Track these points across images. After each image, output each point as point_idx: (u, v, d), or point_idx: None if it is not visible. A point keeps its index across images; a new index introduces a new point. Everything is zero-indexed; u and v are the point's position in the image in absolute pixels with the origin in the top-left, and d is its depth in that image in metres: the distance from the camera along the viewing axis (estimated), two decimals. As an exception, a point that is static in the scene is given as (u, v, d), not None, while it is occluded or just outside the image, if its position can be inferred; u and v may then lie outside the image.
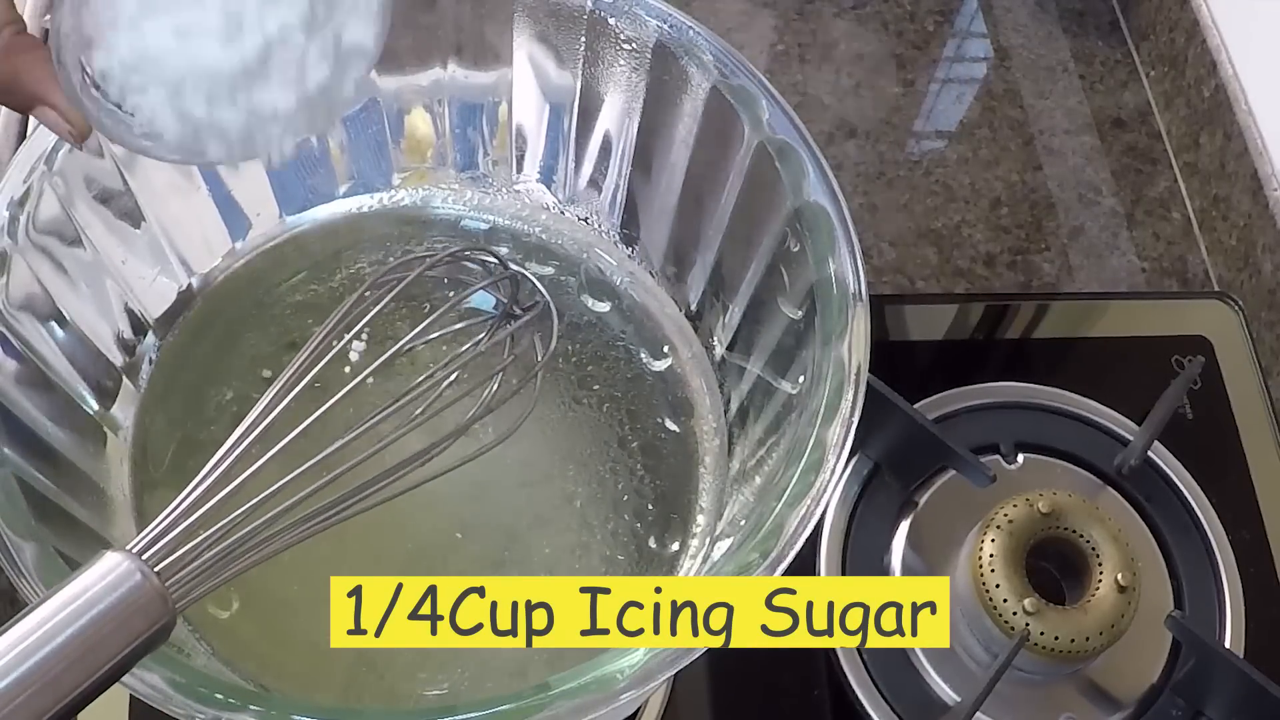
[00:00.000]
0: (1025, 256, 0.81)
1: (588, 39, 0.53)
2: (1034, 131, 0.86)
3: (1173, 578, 0.65)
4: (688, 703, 0.60)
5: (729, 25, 0.88)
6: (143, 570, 0.33)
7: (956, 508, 0.65)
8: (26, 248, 0.45)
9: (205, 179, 0.53)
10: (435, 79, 0.56)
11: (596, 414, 0.53)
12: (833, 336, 0.45)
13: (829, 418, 0.43)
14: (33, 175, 0.46)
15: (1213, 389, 0.72)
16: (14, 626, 0.32)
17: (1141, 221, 0.83)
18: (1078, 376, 0.71)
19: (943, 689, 0.61)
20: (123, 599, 0.32)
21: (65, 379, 0.47)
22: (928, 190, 0.82)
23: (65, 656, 0.31)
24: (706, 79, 0.50)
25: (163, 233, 0.52)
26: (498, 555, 0.50)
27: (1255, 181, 0.78)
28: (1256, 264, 0.77)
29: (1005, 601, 0.60)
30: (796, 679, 0.62)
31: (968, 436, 0.67)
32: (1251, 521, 0.68)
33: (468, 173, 0.59)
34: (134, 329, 0.52)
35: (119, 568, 0.33)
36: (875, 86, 0.87)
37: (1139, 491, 0.67)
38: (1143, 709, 0.62)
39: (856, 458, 0.66)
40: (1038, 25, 0.91)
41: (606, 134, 0.56)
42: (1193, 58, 0.84)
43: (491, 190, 0.59)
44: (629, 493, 0.51)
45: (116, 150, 0.49)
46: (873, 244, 0.80)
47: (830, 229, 0.47)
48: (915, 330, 0.74)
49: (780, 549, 0.40)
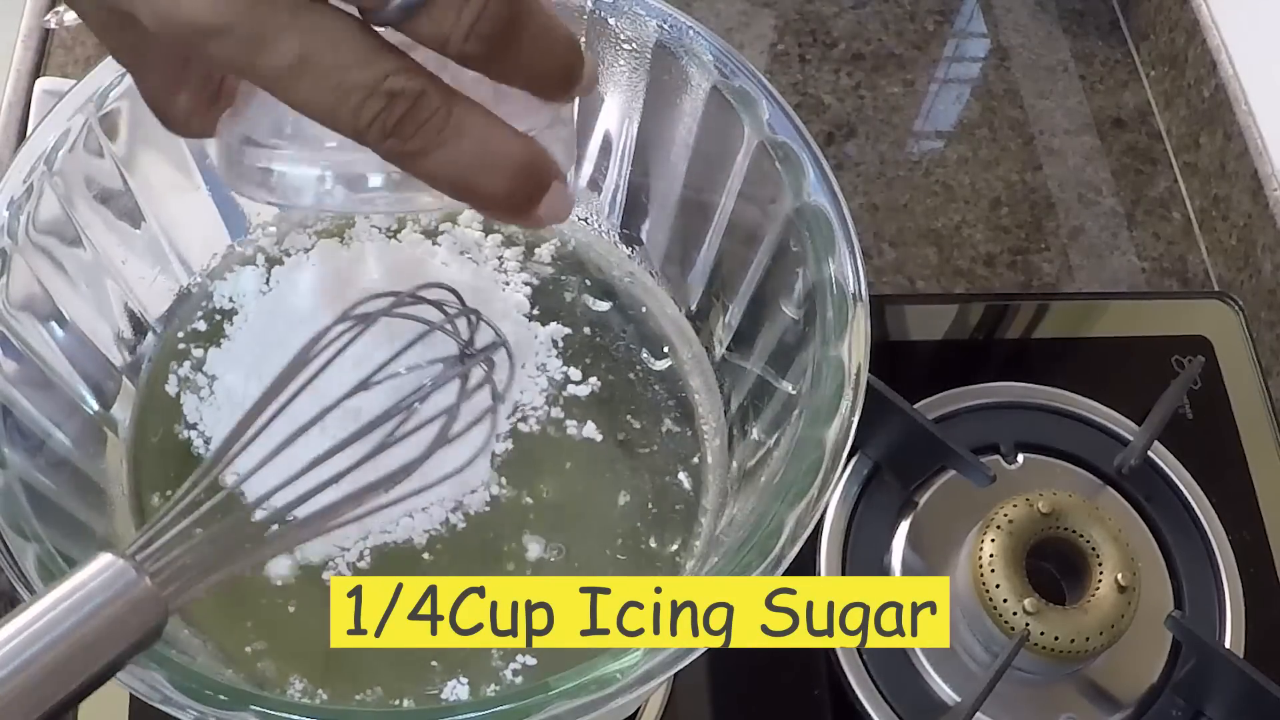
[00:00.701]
0: (1025, 256, 0.81)
1: (588, 39, 0.53)
2: (1034, 131, 0.86)
3: (1173, 578, 0.65)
4: (688, 703, 0.60)
5: (729, 25, 0.88)
6: (137, 569, 0.34)
7: (956, 508, 0.65)
8: (26, 248, 0.45)
9: (205, 179, 0.53)
10: (435, 79, 0.56)
11: (596, 414, 0.53)
12: (833, 337, 0.45)
13: (829, 418, 0.43)
14: (33, 175, 0.46)
15: (1213, 389, 0.72)
16: (10, 621, 0.32)
17: (1141, 221, 0.83)
18: (1078, 376, 0.71)
19: (943, 689, 0.61)
20: (117, 597, 0.33)
21: (65, 379, 0.47)
22: (928, 190, 0.82)
23: (60, 651, 0.32)
24: (706, 79, 0.50)
25: (163, 233, 0.52)
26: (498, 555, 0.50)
27: (1255, 181, 0.78)
28: (1256, 264, 0.77)
29: (1005, 601, 0.60)
30: (796, 679, 0.62)
31: (968, 436, 0.67)
32: (1251, 521, 0.68)
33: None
34: (134, 329, 0.51)
35: (113, 567, 0.33)
36: (875, 86, 0.87)
37: (1139, 491, 0.67)
38: (1143, 709, 0.62)
39: (856, 458, 0.66)
40: (1038, 25, 0.91)
41: (606, 134, 0.56)
42: (1193, 58, 0.84)
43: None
44: (629, 492, 0.51)
45: (116, 150, 0.49)
46: (873, 244, 0.80)
47: (830, 229, 0.47)
48: (915, 330, 0.74)
49: (780, 549, 0.40)
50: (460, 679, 0.46)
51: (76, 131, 0.47)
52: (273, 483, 0.40)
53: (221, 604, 0.48)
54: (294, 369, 0.41)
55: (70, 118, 0.47)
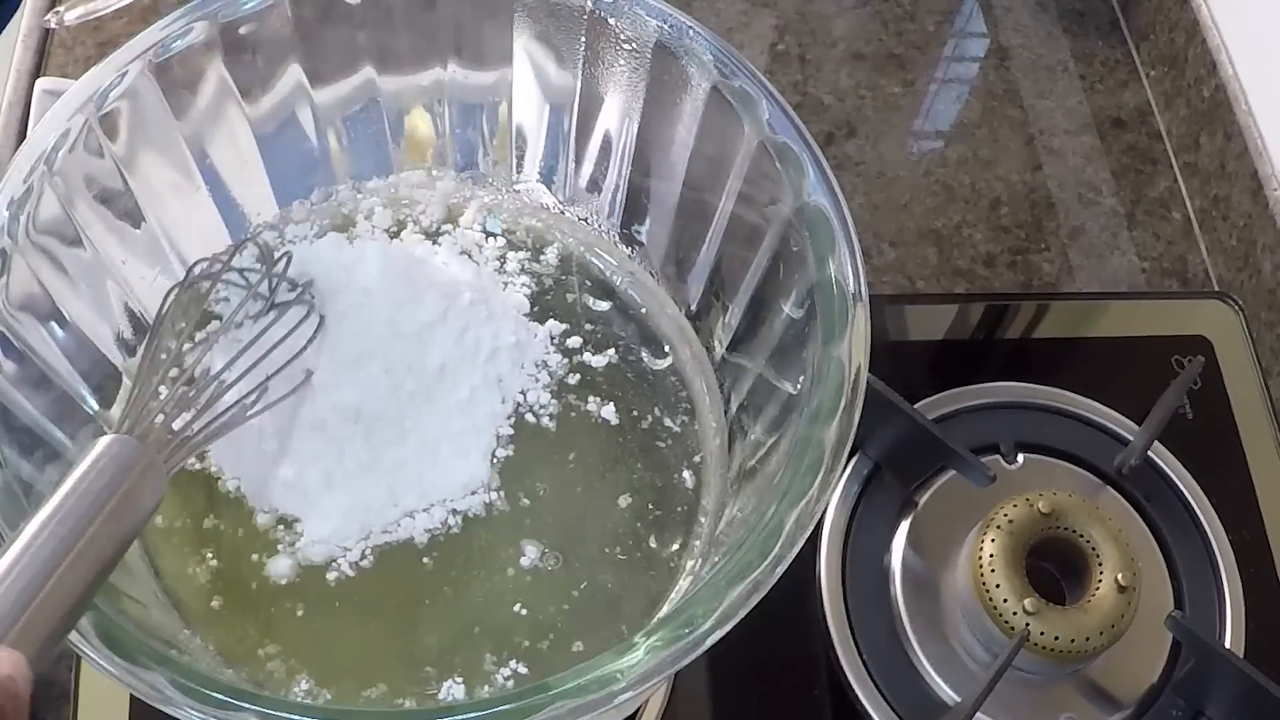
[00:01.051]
0: (1025, 256, 0.81)
1: (588, 39, 0.53)
2: (1034, 131, 0.86)
3: (1173, 578, 0.65)
4: (688, 703, 0.60)
5: (729, 25, 0.88)
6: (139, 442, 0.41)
7: (956, 508, 0.65)
8: (26, 248, 0.45)
9: (205, 179, 0.53)
10: (435, 79, 0.56)
11: (596, 413, 0.53)
12: (833, 336, 0.45)
13: (829, 418, 0.43)
14: (33, 175, 0.46)
15: (1213, 389, 0.72)
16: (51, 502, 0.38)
17: (1141, 221, 0.83)
18: (1078, 376, 0.71)
19: (943, 689, 0.61)
20: (131, 462, 0.40)
21: (65, 379, 0.47)
22: (928, 190, 0.82)
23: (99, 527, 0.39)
24: (706, 79, 0.50)
25: (163, 233, 0.52)
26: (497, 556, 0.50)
27: (1255, 181, 0.78)
28: (1256, 264, 0.77)
29: (1005, 601, 0.60)
30: (796, 679, 0.62)
31: (968, 436, 0.67)
32: (1251, 521, 0.68)
33: (468, 173, 0.59)
34: (134, 329, 0.52)
35: (120, 443, 0.41)
36: (875, 86, 0.87)
37: (1139, 491, 0.67)
38: (1143, 709, 0.62)
39: (856, 458, 0.66)
40: (1038, 25, 0.91)
41: (606, 134, 0.56)
42: (1193, 58, 0.84)
43: (492, 190, 0.59)
44: (629, 492, 0.51)
45: (116, 150, 0.49)
46: (873, 244, 0.80)
47: (830, 229, 0.47)
48: (915, 330, 0.74)
49: (780, 549, 0.40)
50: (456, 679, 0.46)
51: (76, 131, 0.47)
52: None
53: (223, 604, 0.48)
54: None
55: (70, 118, 0.47)
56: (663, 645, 0.38)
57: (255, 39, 0.51)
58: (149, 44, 0.49)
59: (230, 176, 0.54)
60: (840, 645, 0.61)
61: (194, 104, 0.51)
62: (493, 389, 0.52)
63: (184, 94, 0.51)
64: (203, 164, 0.53)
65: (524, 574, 0.49)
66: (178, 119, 0.51)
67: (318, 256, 0.53)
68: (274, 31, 0.52)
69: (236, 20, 0.50)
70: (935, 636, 0.62)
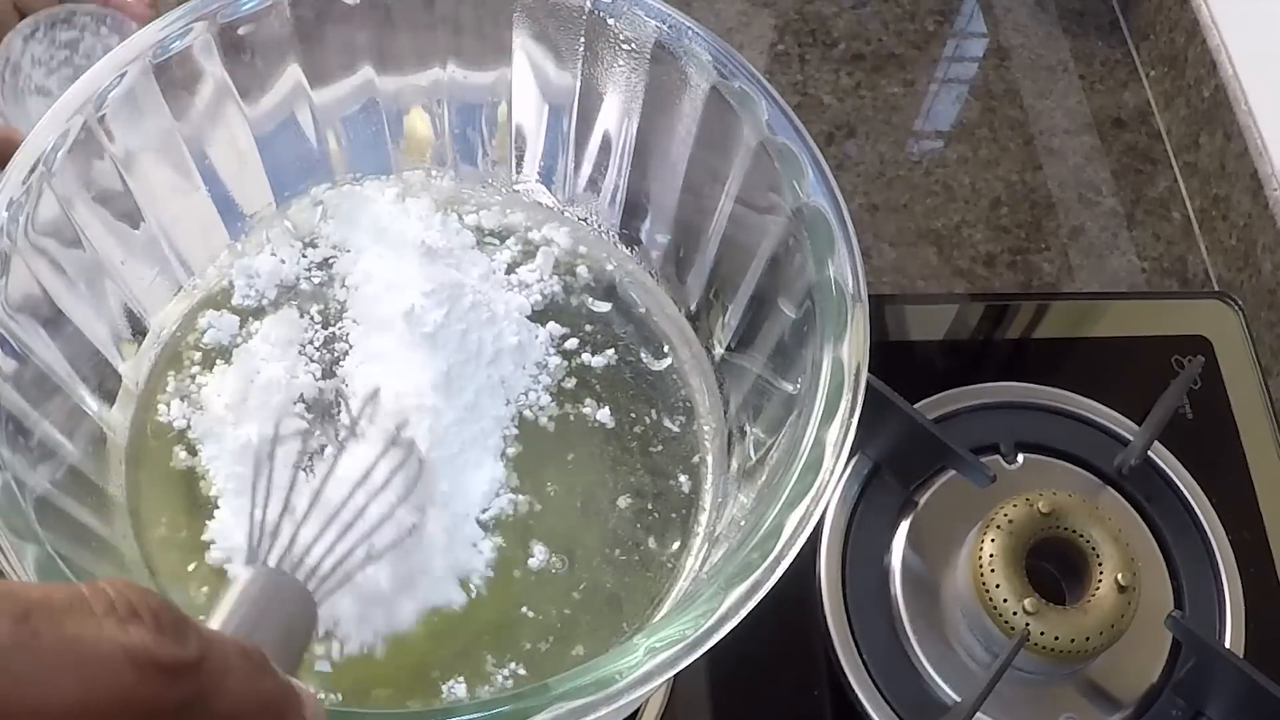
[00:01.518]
0: (1025, 256, 0.81)
1: (587, 39, 0.53)
2: (1034, 131, 0.86)
3: (1173, 578, 0.65)
4: (688, 703, 0.60)
5: (729, 25, 0.88)
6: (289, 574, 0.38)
7: (956, 508, 0.65)
8: (25, 249, 0.45)
9: (204, 179, 0.53)
10: (435, 79, 0.56)
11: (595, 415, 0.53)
12: (832, 337, 0.45)
13: (829, 418, 0.43)
14: (32, 176, 0.46)
15: (1213, 389, 0.72)
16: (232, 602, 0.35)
17: (1141, 221, 0.83)
18: (1078, 376, 0.71)
19: (943, 689, 0.61)
20: (293, 590, 0.37)
21: (65, 380, 0.47)
22: (928, 190, 0.82)
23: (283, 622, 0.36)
24: (706, 79, 0.50)
25: (162, 233, 0.52)
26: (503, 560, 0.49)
27: (1255, 181, 0.78)
28: (1256, 264, 0.77)
29: (1005, 601, 0.60)
30: (796, 679, 0.62)
31: (968, 436, 0.67)
32: (1251, 521, 0.68)
33: (467, 173, 0.59)
34: (134, 329, 0.51)
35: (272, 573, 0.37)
36: (875, 86, 0.87)
37: (1139, 491, 0.67)
38: (1143, 709, 0.62)
39: (856, 458, 0.66)
40: (1038, 25, 0.91)
41: (606, 134, 0.56)
42: (1193, 58, 0.84)
43: (491, 190, 0.59)
44: (629, 492, 0.51)
45: (115, 150, 0.49)
46: (873, 244, 0.80)
47: (829, 229, 0.47)
48: (915, 330, 0.74)
49: (780, 549, 0.40)
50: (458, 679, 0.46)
51: (75, 132, 0.47)
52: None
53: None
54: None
55: (69, 118, 0.47)
56: (663, 646, 0.38)
57: (254, 39, 0.51)
58: (148, 44, 0.49)
59: (229, 177, 0.54)
60: (840, 645, 0.61)
61: (193, 104, 0.51)
62: (496, 392, 0.52)
63: (183, 94, 0.51)
64: (202, 164, 0.53)
65: (530, 575, 0.49)
66: (177, 119, 0.51)
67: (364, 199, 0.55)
68: (273, 32, 0.52)
69: (235, 21, 0.50)
70: (935, 636, 0.62)
